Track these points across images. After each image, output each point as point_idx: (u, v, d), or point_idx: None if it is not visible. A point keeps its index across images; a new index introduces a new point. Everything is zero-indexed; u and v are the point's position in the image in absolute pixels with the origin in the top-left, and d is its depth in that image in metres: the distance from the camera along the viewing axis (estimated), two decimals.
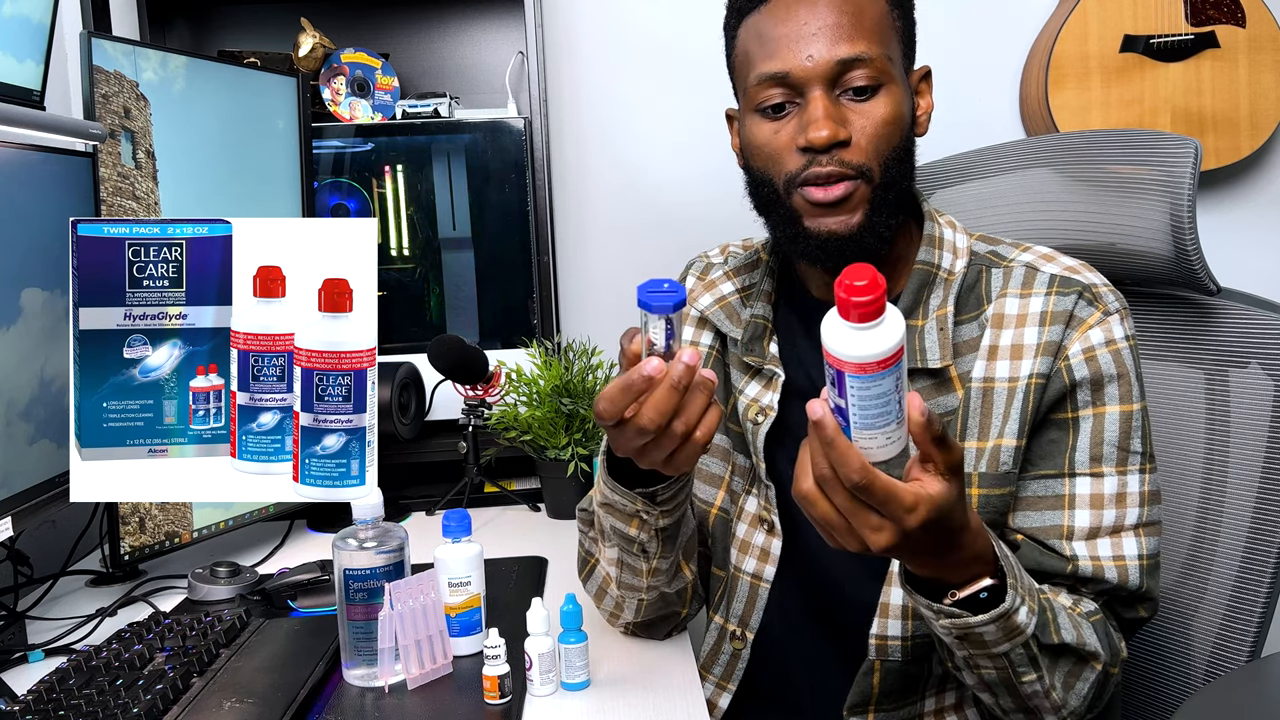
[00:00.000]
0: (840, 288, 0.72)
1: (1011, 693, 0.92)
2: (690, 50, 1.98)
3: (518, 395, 1.62)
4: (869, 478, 0.75)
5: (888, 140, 0.99)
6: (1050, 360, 1.00)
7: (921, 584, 0.88)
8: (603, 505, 1.03)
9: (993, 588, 0.86)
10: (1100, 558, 0.98)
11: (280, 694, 1.03)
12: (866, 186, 0.99)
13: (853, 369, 0.73)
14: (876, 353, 0.73)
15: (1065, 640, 0.91)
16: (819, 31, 0.97)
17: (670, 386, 0.85)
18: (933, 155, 1.47)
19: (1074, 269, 1.04)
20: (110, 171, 1.34)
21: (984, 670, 0.90)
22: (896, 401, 0.75)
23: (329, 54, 1.82)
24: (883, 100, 0.98)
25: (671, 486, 0.99)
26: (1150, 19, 1.89)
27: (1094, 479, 0.99)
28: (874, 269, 0.72)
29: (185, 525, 1.45)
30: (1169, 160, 1.19)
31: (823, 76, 0.97)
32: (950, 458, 0.77)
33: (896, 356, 0.73)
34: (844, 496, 0.77)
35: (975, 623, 0.85)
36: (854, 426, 0.76)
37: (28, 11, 1.23)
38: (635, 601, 1.10)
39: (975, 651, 0.88)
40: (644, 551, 1.04)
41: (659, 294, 0.84)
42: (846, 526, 0.79)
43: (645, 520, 1.01)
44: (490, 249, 1.84)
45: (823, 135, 0.96)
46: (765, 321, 1.12)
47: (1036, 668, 0.90)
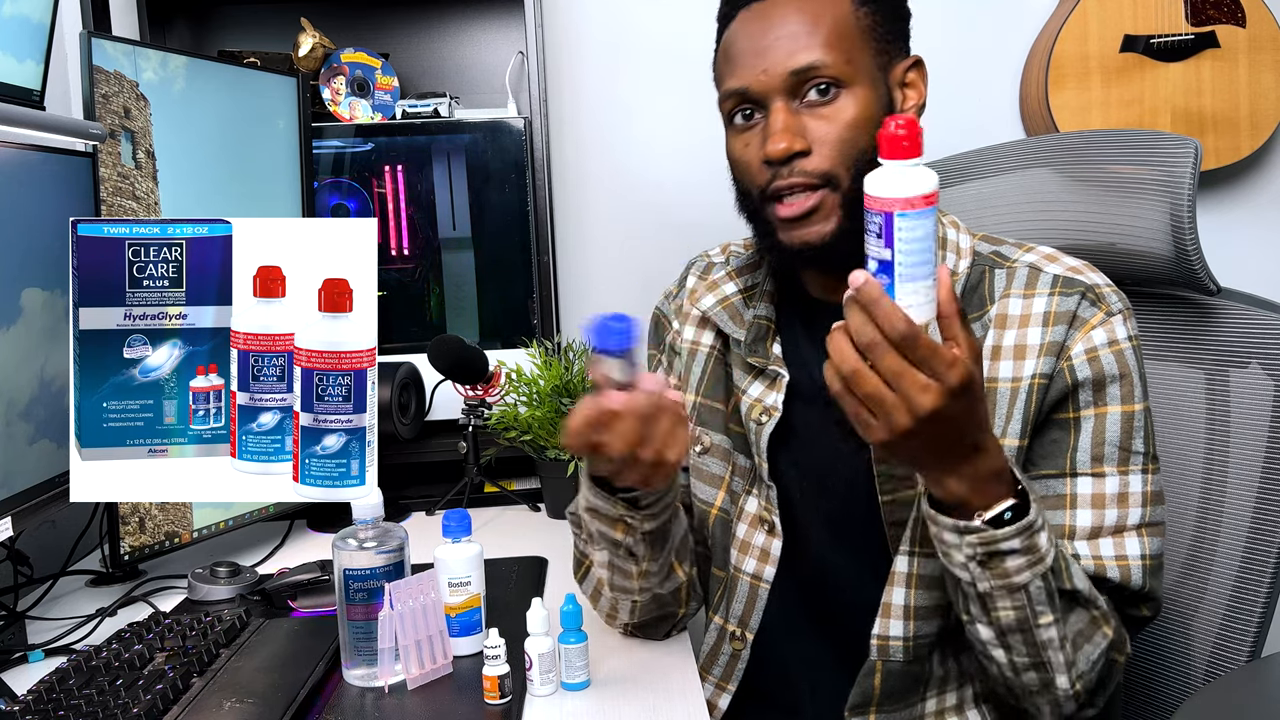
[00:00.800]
0: (885, 131, 0.79)
1: (1027, 640, 0.91)
2: (691, 50, 1.97)
3: (518, 395, 1.62)
4: (915, 331, 0.79)
5: (854, 144, 0.98)
6: (1053, 360, 1.00)
7: (946, 511, 0.89)
8: (588, 510, 1.04)
9: (1015, 507, 0.87)
10: (1103, 558, 0.98)
11: (280, 694, 1.03)
12: (835, 194, 0.99)
13: (901, 205, 0.78)
14: (922, 188, 0.79)
15: (1078, 587, 0.92)
16: (774, 43, 0.98)
17: (634, 417, 0.89)
18: (933, 155, 1.46)
19: (1077, 269, 1.04)
20: (110, 171, 1.34)
21: (1003, 611, 0.90)
22: (932, 252, 0.80)
23: (329, 54, 1.82)
24: (846, 104, 0.98)
25: (653, 493, 0.99)
26: (1150, 19, 1.89)
27: (1096, 479, 0.99)
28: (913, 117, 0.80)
29: (185, 525, 1.45)
30: (1169, 160, 1.19)
31: (779, 88, 0.98)
32: (973, 342, 0.82)
33: (935, 196, 0.80)
34: (892, 356, 0.80)
35: (1000, 535, 0.86)
36: (898, 280, 0.80)
37: (28, 11, 1.23)
38: (629, 603, 1.11)
39: (996, 584, 0.88)
40: (632, 555, 1.04)
41: (612, 335, 0.89)
42: (894, 396, 0.81)
43: (630, 525, 1.01)
44: (490, 249, 1.84)
45: (779, 148, 0.98)
46: (768, 322, 1.12)
47: (1054, 608, 0.90)
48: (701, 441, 1.15)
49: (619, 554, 1.05)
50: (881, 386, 0.81)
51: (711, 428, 1.15)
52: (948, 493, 0.88)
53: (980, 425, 0.85)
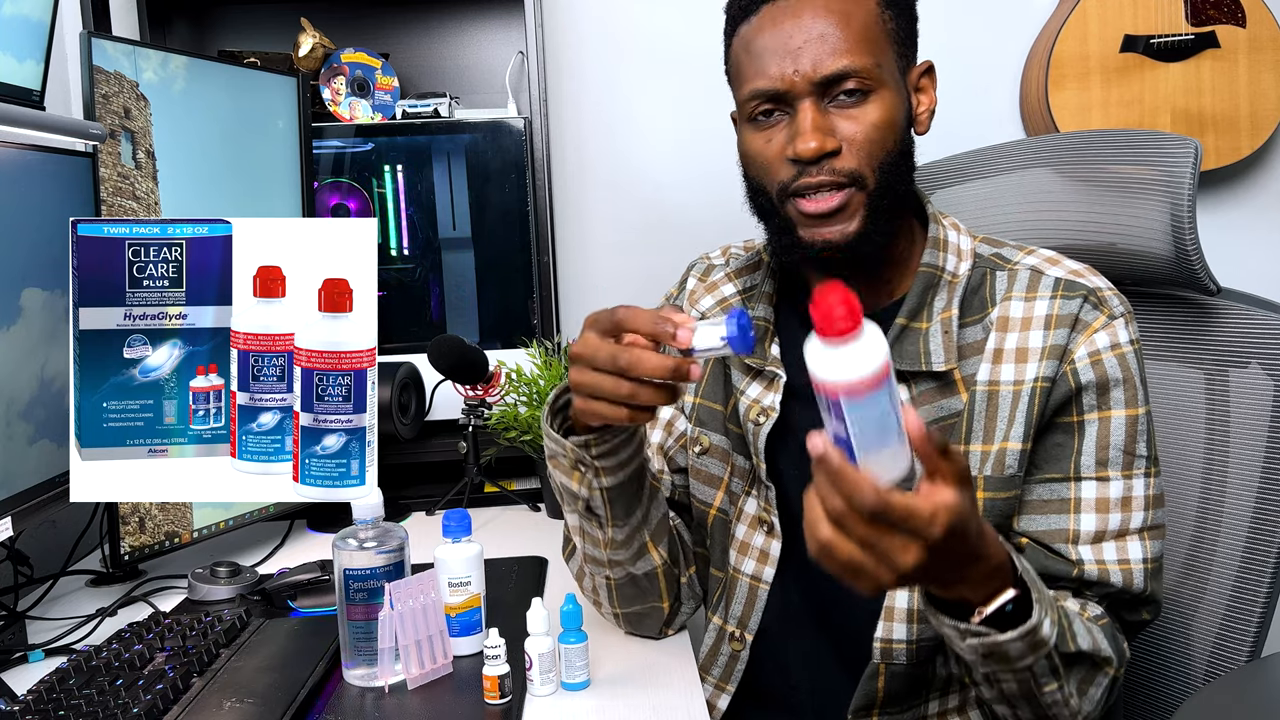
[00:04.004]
0: (815, 309, 0.72)
1: (1031, 703, 0.91)
2: (691, 50, 1.98)
3: (518, 395, 1.62)
4: (885, 498, 0.73)
5: (881, 145, 0.98)
6: (1055, 364, 0.99)
7: (943, 606, 0.86)
8: (550, 460, 1.03)
9: (1016, 599, 0.84)
10: (1106, 562, 0.98)
11: (280, 694, 1.03)
12: (861, 193, 0.98)
13: (845, 391, 0.73)
14: (866, 370, 0.72)
15: (1082, 648, 0.91)
16: (805, 45, 0.97)
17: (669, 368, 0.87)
18: (933, 155, 1.46)
19: (1079, 272, 1.04)
20: (110, 171, 1.34)
21: (1005, 684, 0.89)
22: (894, 417, 0.75)
23: (329, 54, 1.82)
24: (874, 106, 0.98)
25: (604, 440, 0.97)
26: (1150, 19, 1.89)
27: (1100, 483, 0.99)
28: (843, 284, 0.72)
29: (185, 525, 1.45)
30: (1169, 160, 1.19)
31: (810, 89, 0.97)
32: (956, 466, 0.76)
33: (886, 371, 0.73)
34: (865, 527, 0.75)
35: (1003, 640, 0.83)
36: (859, 451, 0.75)
37: (28, 11, 1.23)
38: (604, 580, 1.10)
39: (999, 667, 0.87)
40: (594, 514, 1.03)
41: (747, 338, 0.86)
42: (874, 559, 0.76)
43: (583, 474, 1.00)
44: (490, 249, 1.84)
45: (810, 147, 0.96)
46: (767, 323, 1.12)
47: (1057, 677, 0.89)
48: (700, 442, 1.15)
49: (581, 511, 1.03)
50: (858, 554, 0.76)
51: (710, 428, 1.15)
52: (946, 594, 0.85)
53: (976, 545, 0.80)
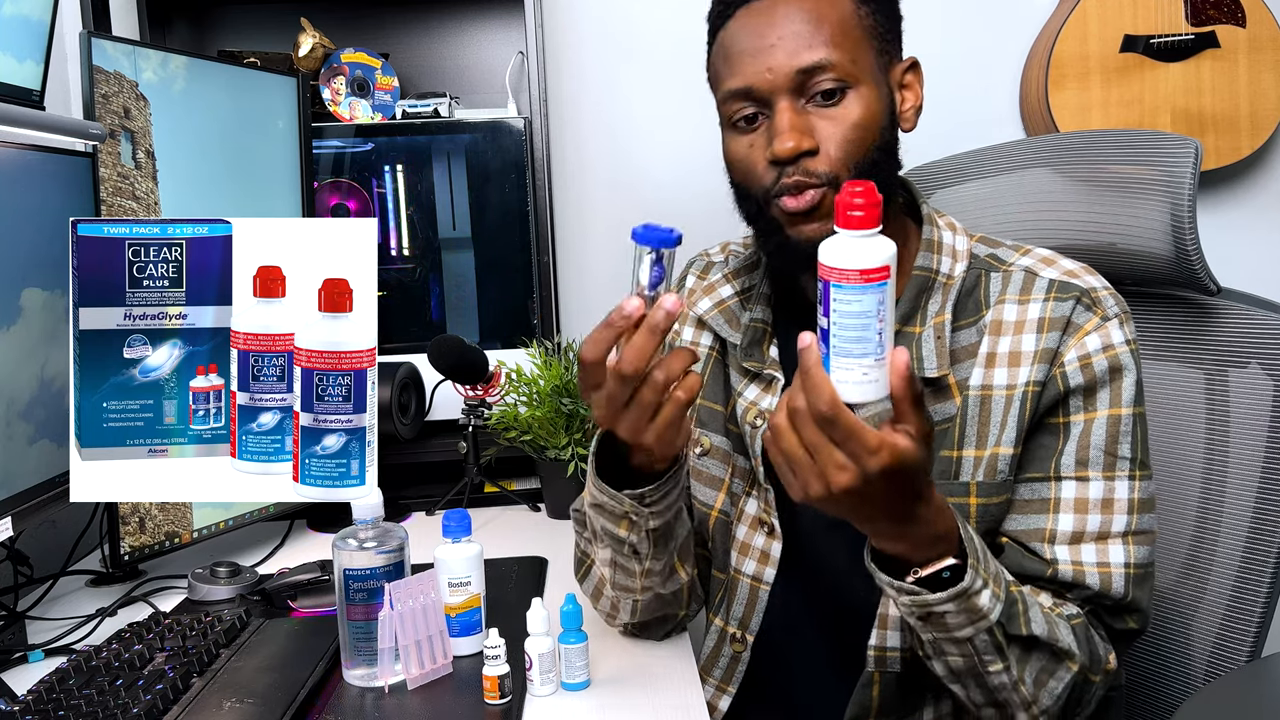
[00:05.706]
0: (840, 197, 0.76)
1: (979, 683, 0.92)
2: (691, 50, 1.97)
3: (518, 395, 1.62)
4: (836, 410, 0.77)
5: (859, 145, 0.98)
6: (1046, 368, 0.99)
7: (887, 563, 0.88)
8: (593, 507, 1.03)
9: (955, 567, 0.86)
10: (1084, 564, 0.97)
11: (280, 694, 1.03)
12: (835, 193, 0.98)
13: (836, 277, 0.76)
14: (866, 262, 0.75)
15: (1035, 633, 0.90)
16: (778, 43, 0.97)
17: (650, 329, 0.86)
18: (933, 155, 1.47)
19: (1073, 273, 1.03)
20: (110, 171, 1.34)
21: (951, 658, 0.90)
22: (877, 333, 0.77)
23: (329, 54, 1.82)
24: (852, 105, 0.97)
25: (661, 488, 0.98)
26: (1150, 19, 1.89)
27: (1079, 483, 0.98)
28: (873, 184, 0.76)
29: (185, 525, 1.45)
30: (1169, 160, 1.19)
31: (785, 88, 0.97)
32: (923, 427, 0.79)
33: (881, 274, 0.75)
34: (811, 429, 0.78)
35: (933, 600, 0.85)
36: (833, 351, 0.77)
37: (28, 11, 1.23)
38: (630, 602, 1.10)
39: (939, 635, 0.88)
40: (636, 553, 1.04)
41: (655, 232, 0.86)
42: (808, 463, 0.79)
43: (635, 522, 1.00)
44: (490, 249, 1.84)
45: (787, 147, 0.96)
46: (765, 325, 1.12)
47: (1003, 657, 0.89)
48: (701, 443, 1.15)
49: (623, 552, 1.04)
50: (798, 449, 0.80)
51: (711, 429, 1.14)
52: (885, 549, 0.87)
53: (914, 503, 0.82)
